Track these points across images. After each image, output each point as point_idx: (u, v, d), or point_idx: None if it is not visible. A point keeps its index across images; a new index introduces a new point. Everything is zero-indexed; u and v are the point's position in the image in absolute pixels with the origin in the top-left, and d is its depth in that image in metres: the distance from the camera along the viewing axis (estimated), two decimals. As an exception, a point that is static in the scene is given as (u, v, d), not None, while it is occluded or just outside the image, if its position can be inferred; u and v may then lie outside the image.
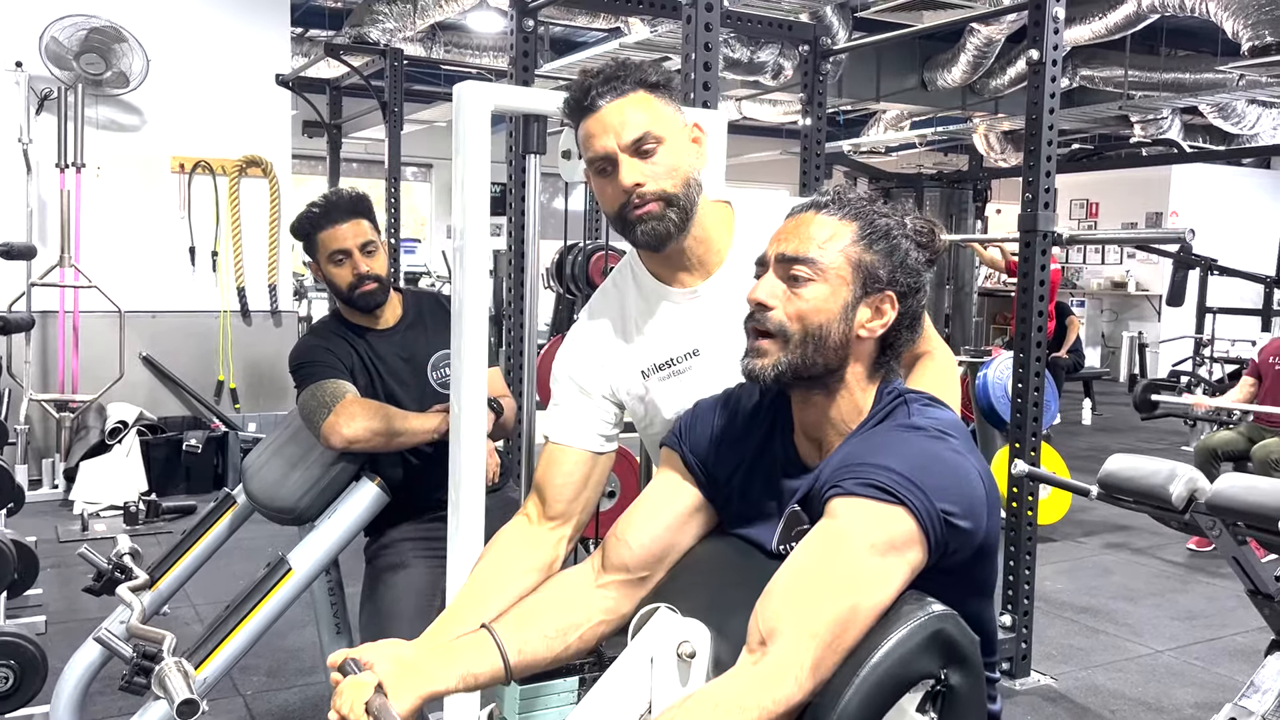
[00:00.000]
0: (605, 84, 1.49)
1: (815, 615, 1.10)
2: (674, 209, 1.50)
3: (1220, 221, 11.42)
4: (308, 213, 2.35)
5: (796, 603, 1.12)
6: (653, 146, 1.48)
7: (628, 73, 1.50)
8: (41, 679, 2.85)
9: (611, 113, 1.48)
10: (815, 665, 1.09)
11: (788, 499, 1.29)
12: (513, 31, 3.66)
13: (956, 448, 1.21)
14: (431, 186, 13.22)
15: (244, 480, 2.38)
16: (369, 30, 7.34)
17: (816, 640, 1.09)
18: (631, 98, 1.49)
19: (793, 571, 1.16)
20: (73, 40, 5.77)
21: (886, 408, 1.28)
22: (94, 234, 5.98)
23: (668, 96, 1.53)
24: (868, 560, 1.12)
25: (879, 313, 1.27)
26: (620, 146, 1.48)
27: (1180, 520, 2.41)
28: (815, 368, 1.25)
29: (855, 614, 1.10)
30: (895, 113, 10.42)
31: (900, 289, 1.27)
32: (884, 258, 1.26)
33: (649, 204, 1.49)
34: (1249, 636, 3.95)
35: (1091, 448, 7.70)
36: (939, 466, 1.17)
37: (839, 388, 1.28)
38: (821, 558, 1.14)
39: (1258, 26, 6.74)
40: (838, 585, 1.11)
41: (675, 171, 1.50)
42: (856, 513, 1.14)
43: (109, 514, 5.35)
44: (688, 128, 1.55)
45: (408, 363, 2.40)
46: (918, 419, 1.24)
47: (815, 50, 4.23)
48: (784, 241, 1.28)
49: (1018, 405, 3.54)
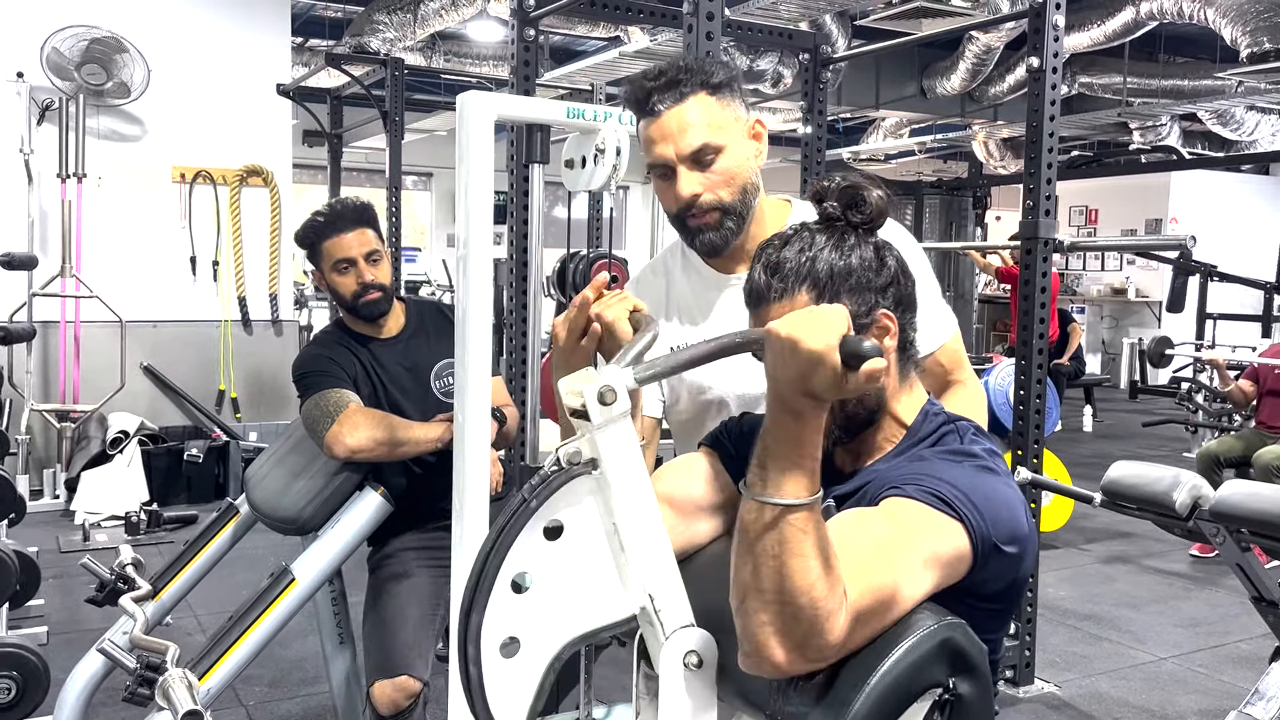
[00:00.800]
0: (667, 88, 1.49)
1: (865, 572, 1.07)
2: (731, 217, 1.53)
3: (1220, 228, 11.43)
4: (312, 221, 2.36)
5: (849, 554, 1.08)
6: (712, 156, 1.49)
7: (690, 75, 1.49)
8: (44, 690, 2.85)
9: (671, 119, 1.48)
10: (854, 618, 1.06)
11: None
12: (514, 41, 3.67)
13: (1008, 482, 1.21)
14: (432, 195, 13.23)
15: (247, 490, 2.38)
16: (369, 40, 7.35)
17: (861, 596, 1.06)
18: (691, 103, 1.49)
19: (847, 529, 1.12)
20: (74, 51, 5.78)
21: (938, 431, 1.27)
22: (95, 244, 5.99)
23: (730, 96, 1.52)
24: (918, 555, 1.11)
25: (883, 331, 1.25)
26: (679, 156, 1.49)
27: (1184, 527, 2.41)
28: (862, 420, 1.26)
29: (895, 597, 1.08)
30: (894, 120, 10.45)
31: (885, 303, 1.25)
32: (850, 296, 1.23)
33: (707, 214, 1.52)
34: (1253, 643, 3.94)
35: (1093, 455, 7.69)
36: (995, 497, 1.17)
37: (883, 416, 1.28)
38: (877, 530, 1.12)
39: (1256, 33, 6.76)
40: (888, 560, 1.09)
41: (733, 180, 1.51)
42: (913, 512, 1.13)
43: (110, 524, 5.35)
44: (748, 124, 1.55)
45: (411, 372, 2.40)
46: (971, 447, 1.24)
47: (815, 59, 4.24)
48: None
49: (1020, 412, 3.54)
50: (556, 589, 1.12)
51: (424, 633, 2.25)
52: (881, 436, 1.29)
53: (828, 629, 1.04)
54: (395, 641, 2.20)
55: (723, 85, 1.51)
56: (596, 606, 1.14)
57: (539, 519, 1.10)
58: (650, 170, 1.56)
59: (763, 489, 1.05)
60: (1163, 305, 10.64)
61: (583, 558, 1.13)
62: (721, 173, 1.50)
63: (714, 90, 1.50)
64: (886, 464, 1.26)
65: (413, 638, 2.22)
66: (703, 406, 1.64)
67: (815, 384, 1.01)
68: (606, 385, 1.06)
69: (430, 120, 10.00)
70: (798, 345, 1.01)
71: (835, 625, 1.04)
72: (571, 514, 1.12)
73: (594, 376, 1.07)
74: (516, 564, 1.09)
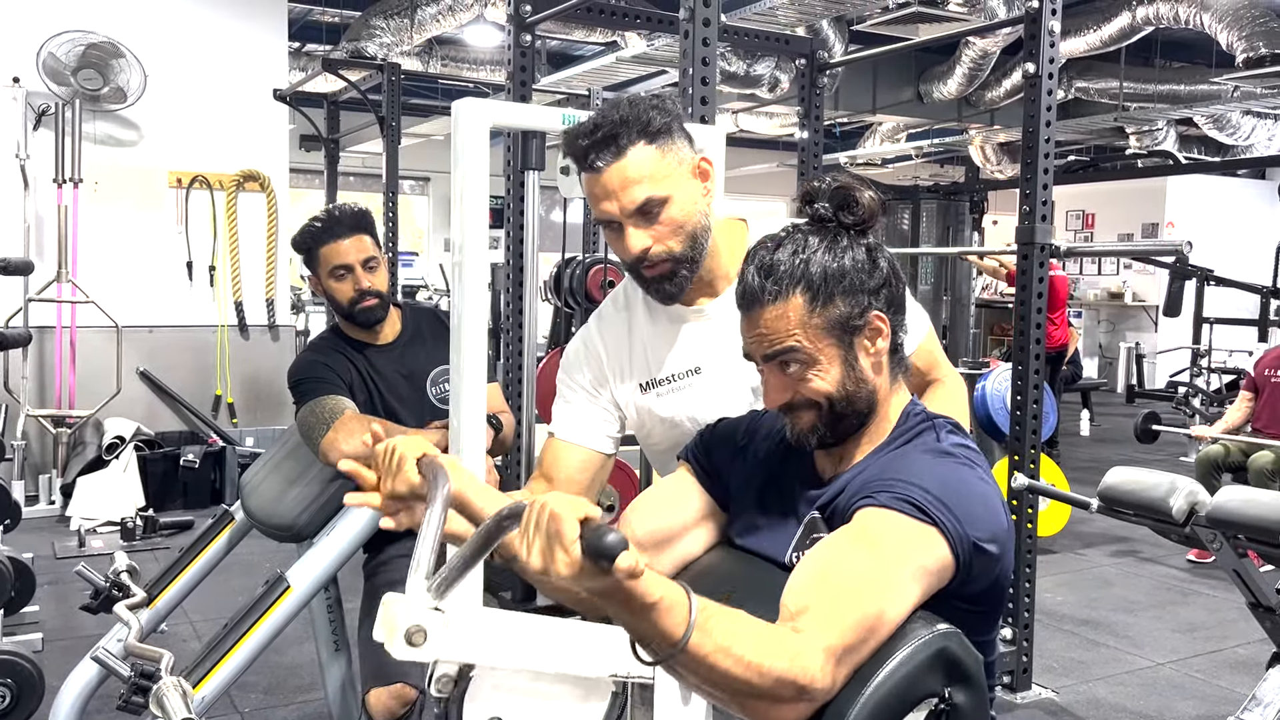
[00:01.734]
0: (604, 143, 1.45)
1: (846, 610, 1.08)
2: (684, 265, 1.51)
3: (1216, 232, 11.45)
4: (309, 227, 2.35)
5: (828, 592, 1.09)
6: (658, 209, 1.47)
7: (626, 127, 1.44)
8: (39, 697, 2.84)
9: (612, 176, 1.45)
10: (838, 660, 1.06)
11: (803, 508, 1.29)
12: (510, 46, 3.66)
13: (984, 476, 1.21)
14: (429, 200, 13.24)
15: (242, 497, 2.37)
16: (366, 45, 7.36)
17: (843, 636, 1.07)
18: (631, 156, 1.44)
19: (825, 562, 1.14)
20: (70, 56, 5.78)
21: (914, 429, 1.28)
22: (91, 249, 5.98)
23: (669, 141, 1.48)
24: (898, 572, 1.11)
25: (875, 333, 1.27)
26: (623, 213, 1.47)
27: (1181, 533, 2.40)
28: (853, 423, 1.27)
29: (880, 623, 1.09)
30: (891, 125, 10.46)
31: (878, 306, 1.26)
32: (845, 298, 1.24)
33: (659, 264, 1.50)
34: (1250, 649, 3.94)
35: (1090, 459, 7.69)
36: (971, 494, 1.17)
37: (873, 416, 1.29)
38: (855, 558, 1.12)
39: (1252, 38, 6.78)
40: (869, 589, 1.10)
41: (682, 228, 1.49)
42: (890, 525, 1.13)
43: (106, 530, 5.33)
44: (694, 164, 1.51)
45: (407, 379, 2.40)
46: (946, 444, 1.24)
47: (812, 64, 4.24)
48: (756, 343, 1.26)
49: (1017, 417, 3.54)
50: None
51: (419, 640, 2.24)
52: (865, 440, 1.29)
53: (805, 682, 1.04)
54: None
55: (661, 131, 1.46)
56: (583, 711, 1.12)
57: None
58: (597, 224, 1.54)
59: (649, 649, 1.02)
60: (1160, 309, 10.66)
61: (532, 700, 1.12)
62: (668, 223, 1.47)
63: (652, 138, 1.46)
64: (865, 465, 1.26)
65: (408, 645, 2.21)
66: (677, 438, 1.61)
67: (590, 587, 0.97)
68: (411, 629, 0.99)
69: (427, 125, 10.00)
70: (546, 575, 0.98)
71: (811, 671, 1.04)
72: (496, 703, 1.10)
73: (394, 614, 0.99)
74: None
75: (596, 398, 1.64)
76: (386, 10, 7.31)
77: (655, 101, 1.49)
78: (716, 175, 1.56)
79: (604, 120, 1.46)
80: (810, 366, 1.24)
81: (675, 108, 1.51)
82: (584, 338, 1.70)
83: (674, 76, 7.15)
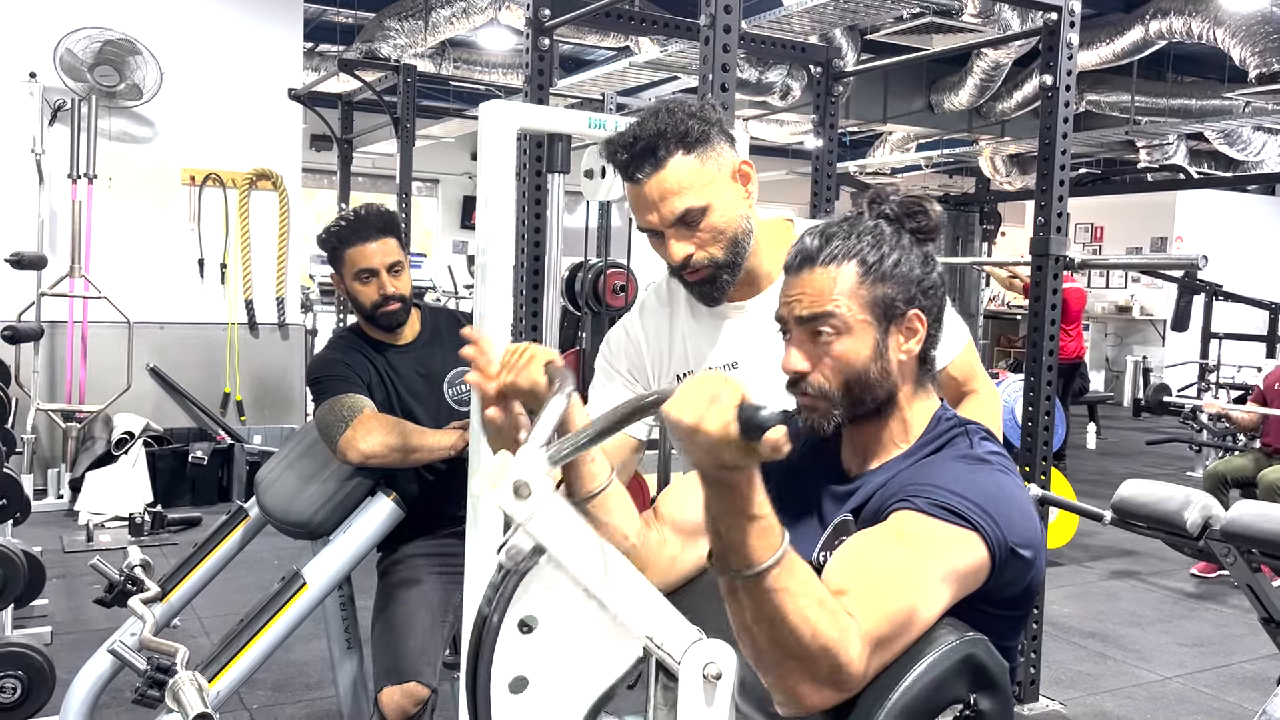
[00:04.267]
0: (644, 155, 1.47)
1: (882, 600, 1.08)
2: (726, 270, 1.54)
3: (1225, 247, 11.44)
4: (336, 226, 2.35)
5: (865, 581, 1.09)
6: (697, 217, 1.49)
7: (664, 139, 1.46)
8: (49, 690, 2.84)
9: (653, 188, 1.48)
10: (874, 647, 1.07)
11: (828, 506, 1.30)
12: (528, 50, 3.67)
13: (1018, 483, 1.22)
14: (438, 201, 13.26)
15: (257, 494, 2.38)
16: (380, 46, 7.38)
17: (878, 624, 1.07)
18: (670, 168, 1.47)
19: (861, 554, 1.14)
20: (87, 52, 5.80)
21: (947, 434, 1.28)
22: (104, 245, 6.00)
23: (709, 148, 1.49)
24: (935, 574, 1.11)
25: (911, 332, 1.27)
26: (664, 223, 1.50)
27: (1194, 547, 2.40)
28: (867, 405, 1.26)
29: (913, 620, 1.09)
30: (901, 134, 10.47)
31: (921, 302, 1.27)
32: (895, 283, 1.25)
33: (702, 270, 1.53)
34: (1257, 664, 3.93)
35: (1097, 472, 7.68)
36: (1009, 500, 1.18)
37: (892, 410, 1.28)
38: (892, 553, 1.12)
39: (1265, 54, 6.78)
40: (905, 584, 1.10)
41: (722, 235, 1.51)
42: (928, 529, 1.14)
43: (114, 525, 5.35)
44: (734, 168, 1.53)
45: (425, 379, 2.40)
46: (980, 450, 1.25)
47: (828, 72, 4.25)
48: (795, 303, 1.26)
49: (1028, 429, 3.54)
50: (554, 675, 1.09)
51: (433, 639, 2.24)
52: (889, 438, 1.29)
53: (845, 661, 1.04)
54: (404, 647, 2.20)
55: (699, 140, 1.48)
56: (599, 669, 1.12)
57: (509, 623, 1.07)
58: (641, 230, 1.57)
59: (727, 562, 1.04)
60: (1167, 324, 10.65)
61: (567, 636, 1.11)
62: (709, 229, 1.50)
63: (690, 148, 1.47)
64: (895, 469, 1.26)
65: (422, 644, 2.21)
66: None
67: (725, 459, 0.99)
68: (519, 480, 1.00)
69: (438, 127, 10.03)
70: (695, 431, 0.99)
71: (852, 653, 1.04)
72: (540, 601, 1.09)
73: (506, 465, 1.01)
74: (505, 672, 1.06)
75: (634, 384, 1.67)
76: (401, 12, 7.33)
77: (693, 109, 1.50)
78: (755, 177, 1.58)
79: (643, 131, 1.48)
80: (842, 335, 1.23)
81: (715, 114, 1.52)
82: (625, 325, 1.73)
83: (686, 82, 7.18)
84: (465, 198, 12.86)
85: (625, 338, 1.71)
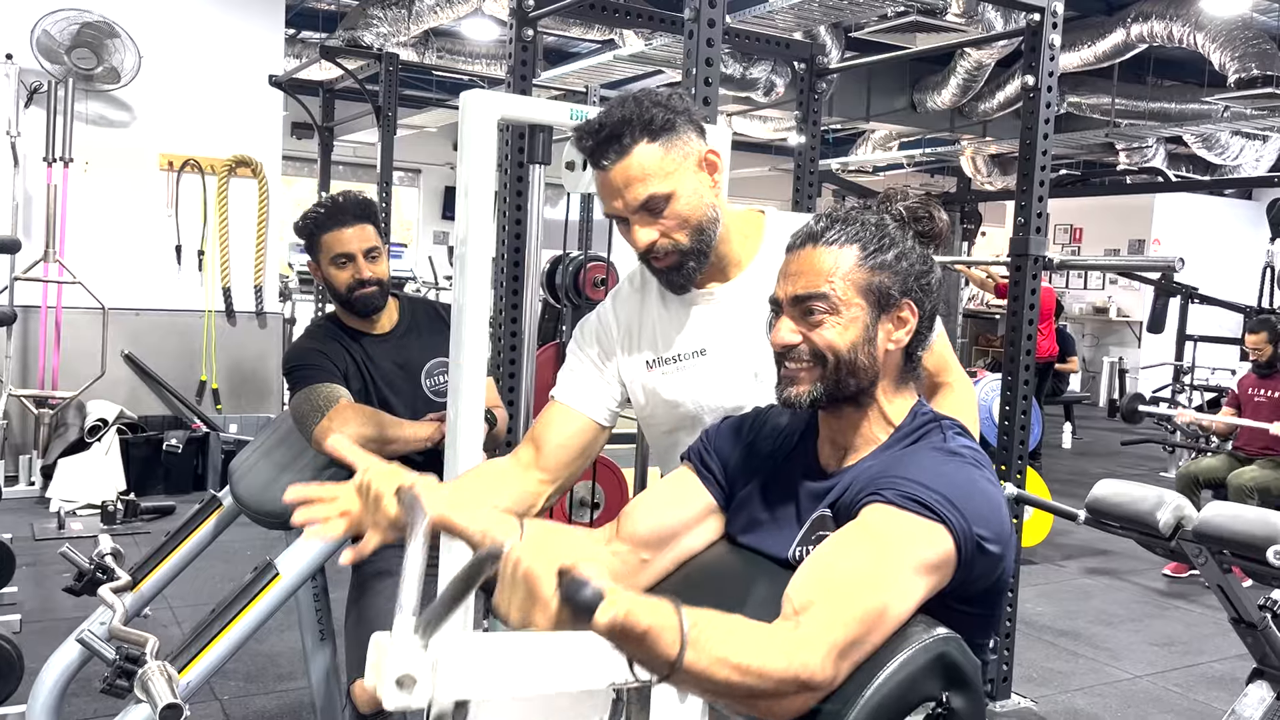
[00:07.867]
0: (609, 142, 1.49)
1: (849, 604, 1.09)
2: (691, 257, 1.55)
3: (1201, 250, 11.54)
4: (313, 213, 2.34)
5: (832, 587, 1.10)
6: (662, 204, 1.51)
7: (629, 126, 1.48)
8: (17, 679, 2.81)
9: (618, 175, 1.50)
10: (840, 653, 1.07)
11: (805, 502, 1.30)
12: (512, 40, 3.65)
13: (990, 478, 1.23)
14: (419, 191, 13.18)
15: (231, 483, 2.36)
16: (362, 34, 7.32)
17: (846, 630, 1.08)
18: (635, 155, 1.48)
19: (830, 558, 1.15)
20: (65, 34, 5.73)
21: (921, 428, 1.29)
22: (80, 229, 5.93)
23: (674, 137, 1.51)
24: (904, 568, 1.12)
25: (900, 322, 1.29)
26: (628, 209, 1.51)
27: (1166, 547, 2.42)
28: (848, 389, 1.28)
29: (883, 617, 1.10)
30: (884, 133, 10.49)
31: (916, 295, 1.29)
32: (892, 273, 1.28)
33: (667, 257, 1.54)
34: (1226, 664, 3.98)
35: (1072, 471, 7.74)
36: (978, 494, 1.18)
37: (870, 402, 1.30)
38: (860, 553, 1.14)
39: (1244, 59, 6.83)
40: (873, 583, 1.11)
41: (687, 222, 1.53)
42: (897, 523, 1.15)
43: (86, 512, 5.30)
44: (700, 157, 1.54)
45: (402, 369, 2.39)
46: (953, 445, 1.26)
47: (812, 69, 4.25)
48: (792, 281, 1.29)
49: (1005, 427, 3.56)
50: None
51: (407, 631, 2.23)
52: (866, 433, 1.31)
53: (807, 677, 1.05)
54: (378, 639, 2.18)
55: (664, 128, 1.49)
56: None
57: None
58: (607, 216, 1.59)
59: (647, 669, 1.03)
60: (1143, 325, 10.74)
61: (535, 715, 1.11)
62: (674, 216, 1.52)
63: (655, 135, 1.49)
64: (870, 463, 1.27)
65: (395, 636, 2.20)
66: (678, 419, 1.67)
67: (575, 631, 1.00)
68: (401, 675, 0.95)
69: (420, 116, 9.98)
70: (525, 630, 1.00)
71: (812, 666, 1.06)
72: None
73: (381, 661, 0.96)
74: None
75: (602, 370, 1.68)
76: (385, 0, 7.27)
77: (659, 98, 1.52)
78: (724, 167, 1.59)
79: (608, 119, 1.50)
80: (833, 315, 1.26)
81: (682, 103, 1.54)
82: (599, 311, 1.74)
83: (670, 76, 7.16)
84: (447, 188, 12.79)
85: (598, 323, 1.73)
